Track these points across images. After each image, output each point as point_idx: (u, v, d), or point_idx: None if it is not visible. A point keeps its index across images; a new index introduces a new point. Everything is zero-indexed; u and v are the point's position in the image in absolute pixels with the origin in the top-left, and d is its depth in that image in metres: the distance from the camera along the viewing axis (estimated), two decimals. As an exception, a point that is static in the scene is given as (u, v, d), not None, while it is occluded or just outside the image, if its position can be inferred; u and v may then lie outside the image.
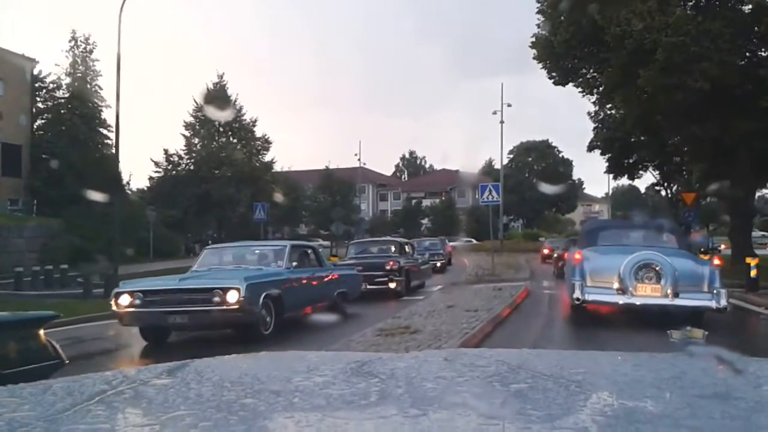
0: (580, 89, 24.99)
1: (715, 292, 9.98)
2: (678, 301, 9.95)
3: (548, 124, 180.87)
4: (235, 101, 33.32)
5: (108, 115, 43.08)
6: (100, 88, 42.72)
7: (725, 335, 9.04)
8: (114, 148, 37.34)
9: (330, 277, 12.46)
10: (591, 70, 24.40)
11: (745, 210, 25.74)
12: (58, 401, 1.29)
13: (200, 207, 29.34)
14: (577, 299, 10.40)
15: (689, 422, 1.13)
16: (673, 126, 25.23)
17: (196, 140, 31.74)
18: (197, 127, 32.83)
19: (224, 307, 9.25)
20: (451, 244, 64.48)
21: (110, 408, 1.26)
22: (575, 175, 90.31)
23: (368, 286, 16.54)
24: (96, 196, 36.40)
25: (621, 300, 10.24)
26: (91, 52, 43.05)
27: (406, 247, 19.52)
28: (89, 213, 36.26)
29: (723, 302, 9.92)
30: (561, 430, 1.09)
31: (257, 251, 11.63)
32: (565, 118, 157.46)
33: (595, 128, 42.23)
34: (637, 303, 10.13)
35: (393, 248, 18.70)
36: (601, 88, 24.85)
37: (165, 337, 10.19)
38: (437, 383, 1.41)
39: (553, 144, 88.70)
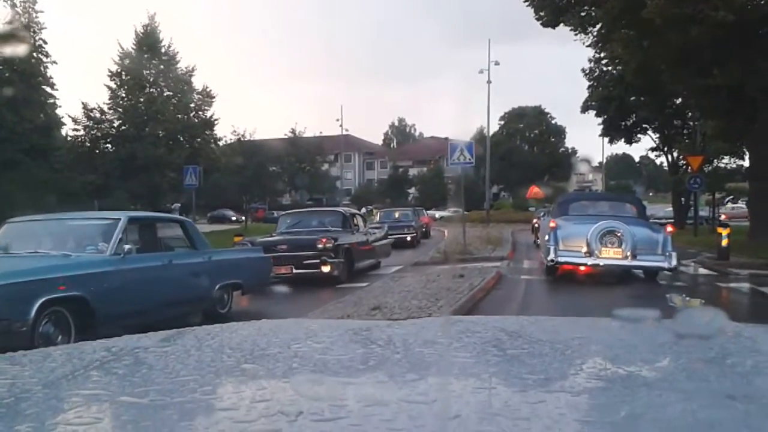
0: (572, 29, 20.93)
1: (667, 254, 11.76)
2: (636, 262, 11.94)
3: (541, 94, 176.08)
4: (169, 47, 28.96)
5: (53, 71, 38.94)
6: (45, 42, 38.47)
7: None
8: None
9: (206, 265, 8.60)
10: (585, 6, 20.36)
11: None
12: (58, 368, 1.29)
13: (124, 171, 25.14)
14: (551, 260, 12.11)
15: (684, 386, 1.14)
16: (680, 75, 21.24)
17: (123, 92, 27.47)
18: (124, 76, 28.51)
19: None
20: (438, 213, 61.34)
21: (110, 374, 1.25)
22: (568, 144, 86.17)
23: (295, 270, 12.83)
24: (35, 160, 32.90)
25: (588, 261, 11.96)
26: (34, 2, 38.65)
27: (355, 218, 15.63)
28: (27, 179, 32.43)
29: (674, 263, 11.75)
30: (557, 394, 1.09)
31: (77, 228, 7.69)
32: (558, 88, 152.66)
33: (590, 86, 38.25)
34: (602, 264, 11.95)
35: (334, 220, 14.79)
36: (597, 26, 20.83)
37: None
38: (434, 349, 1.42)
39: (546, 110, 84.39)
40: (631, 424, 0.95)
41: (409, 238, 25.06)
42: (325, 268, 12.79)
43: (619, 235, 11.70)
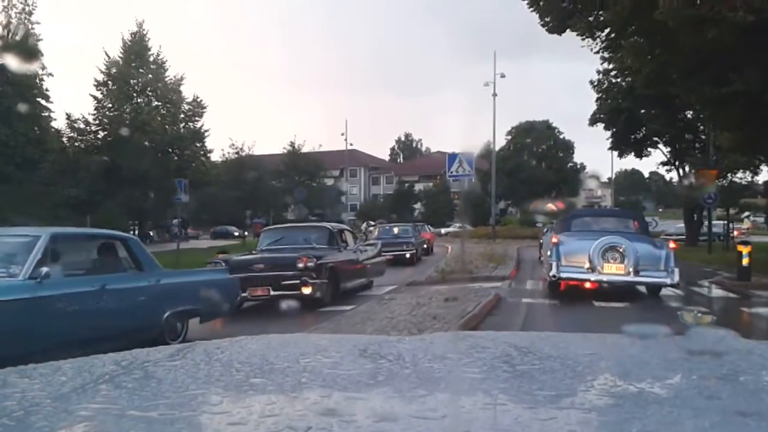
0: (579, 33, 19.76)
1: (669, 270, 11.63)
2: (638, 278, 11.78)
3: (549, 109, 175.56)
4: (158, 55, 27.81)
5: (50, 84, 38.08)
6: (42, 54, 37.65)
7: None
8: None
9: (152, 289, 7.43)
10: (594, 11, 19.22)
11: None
12: (68, 381, 1.29)
13: (108, 185, 23.93)
14: (553, 276, 11.97)
15: (696, 403, 1.13)
16: (694, 84, 20.06)
17: (109, 102, 26.34)
18: (111, 85, 27.39)
19: None
20: (444, 229, 60.23)
21: (119, 387, 1.25)
22: (577, 159, 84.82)
23: (273, 292, 11.66)
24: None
25: (590, 277, 11.73)
26: (30, 13, 37.88)
27: (343, 234, 14.44)
28: (19, 193, 31.46)
29: (676, 279, 11.59)
30: (568, 410, 1.09)
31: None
32: (566, 104, 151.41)
33: (598, 99, 37.14)
34: (604, 279, 11.79)
35: (320, 237, 13.60)
36: (606, 31, 19.67)
37: None
38: (444, 364, 1.41)
39: (554, 125, 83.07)
40: None
41: (408, 255, 23.86)
42: (306, 290, 11.62)
43: (621, 250, 11.62)
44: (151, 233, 44.40)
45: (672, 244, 12.47)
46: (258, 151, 44.80)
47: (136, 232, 41.58)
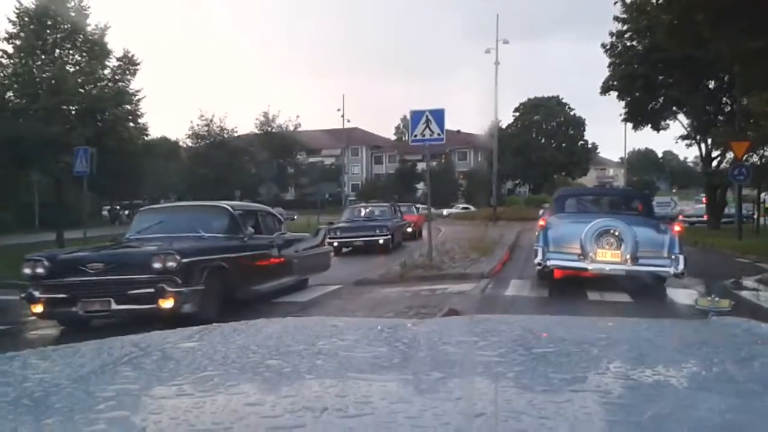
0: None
1: (673, 257, 10.31)
2: (636, 267, 10.41)
3: (561, 92, 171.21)
4: (80, 2, 23.61)
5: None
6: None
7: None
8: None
9: None
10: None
11: None
12: (87, 363, 1.29)
13: (11, 156, 20.09)
14: (539, 264, 10.78)
15: (712, 386, 1.13)
16: (726, 31, 16.18)
17: (18, 58, 22.42)
18: (23, 38, 23.31)
19: None
20: (446, 211, 56.50)
21: (138, 369, 1.25)
22: (588, 137, 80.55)
23: (115, 306, 7.85)
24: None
25: (581, 265, 10.51)
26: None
27: (253, 218, 10.50)
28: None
29: (681, 267, 10.27)
30: (583, 393, 1.08)
31: None
32: (575, 86, 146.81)
33: (611, 64, 32.88)
34: (600, 269, 10.48)
35: (216, 223, 9.65)
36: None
37: None
38: (459, 347, 1.40)
39: (564, 101, 78.72)
40: (658, 425, 0.94)
41: (381, 241, 19.93)
42: (166, 303, 7.76)
43: (617, 234, 10.36)
44: (120, 213, 41.23)
45: (677, 227, 11.12)
46: (249, 130, 41.16)
47: (106, 211, 38.14)
